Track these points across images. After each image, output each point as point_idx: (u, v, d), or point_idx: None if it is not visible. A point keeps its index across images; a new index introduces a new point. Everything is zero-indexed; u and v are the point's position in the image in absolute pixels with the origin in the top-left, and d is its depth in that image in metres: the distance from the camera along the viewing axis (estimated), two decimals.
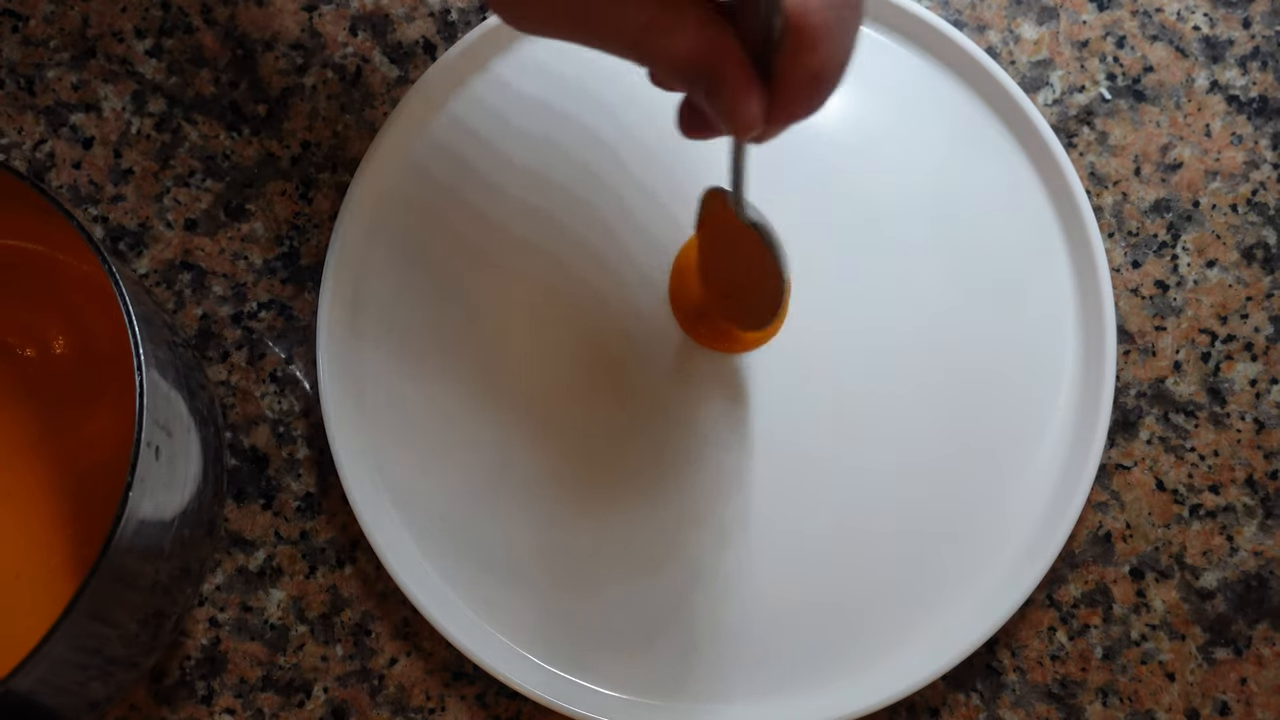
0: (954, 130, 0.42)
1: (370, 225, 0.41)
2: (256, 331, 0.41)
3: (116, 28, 0.43)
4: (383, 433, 0.40)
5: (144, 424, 0.30)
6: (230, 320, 0.41)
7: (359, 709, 0.39)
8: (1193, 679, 0.39)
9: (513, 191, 0.41)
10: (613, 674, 0.39)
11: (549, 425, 0.40)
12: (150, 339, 0.31)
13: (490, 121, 0.42)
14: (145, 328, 0.31)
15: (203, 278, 0.41)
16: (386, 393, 0.40)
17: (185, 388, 0.34)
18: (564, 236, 0.41)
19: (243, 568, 0.40)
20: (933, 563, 0.39)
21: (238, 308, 0.41)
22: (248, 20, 0.43)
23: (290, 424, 0.41)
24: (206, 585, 0.40)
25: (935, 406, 0.40)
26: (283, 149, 0.42)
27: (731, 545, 0.39)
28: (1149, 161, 0.42)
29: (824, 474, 0.40)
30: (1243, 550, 0.40)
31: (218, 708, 0.39)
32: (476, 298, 0.41)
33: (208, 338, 0.41)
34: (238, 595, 0.40)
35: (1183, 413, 0.41)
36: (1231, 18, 0.43)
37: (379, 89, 0.43)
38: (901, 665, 0.38)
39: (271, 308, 0.41)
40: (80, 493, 0.38)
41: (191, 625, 0.40)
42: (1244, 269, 0.41)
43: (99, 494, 0.37)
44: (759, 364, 0.40)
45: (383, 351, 0.40)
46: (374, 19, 0.43)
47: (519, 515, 0.40)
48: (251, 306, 0.41)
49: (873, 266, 0.41)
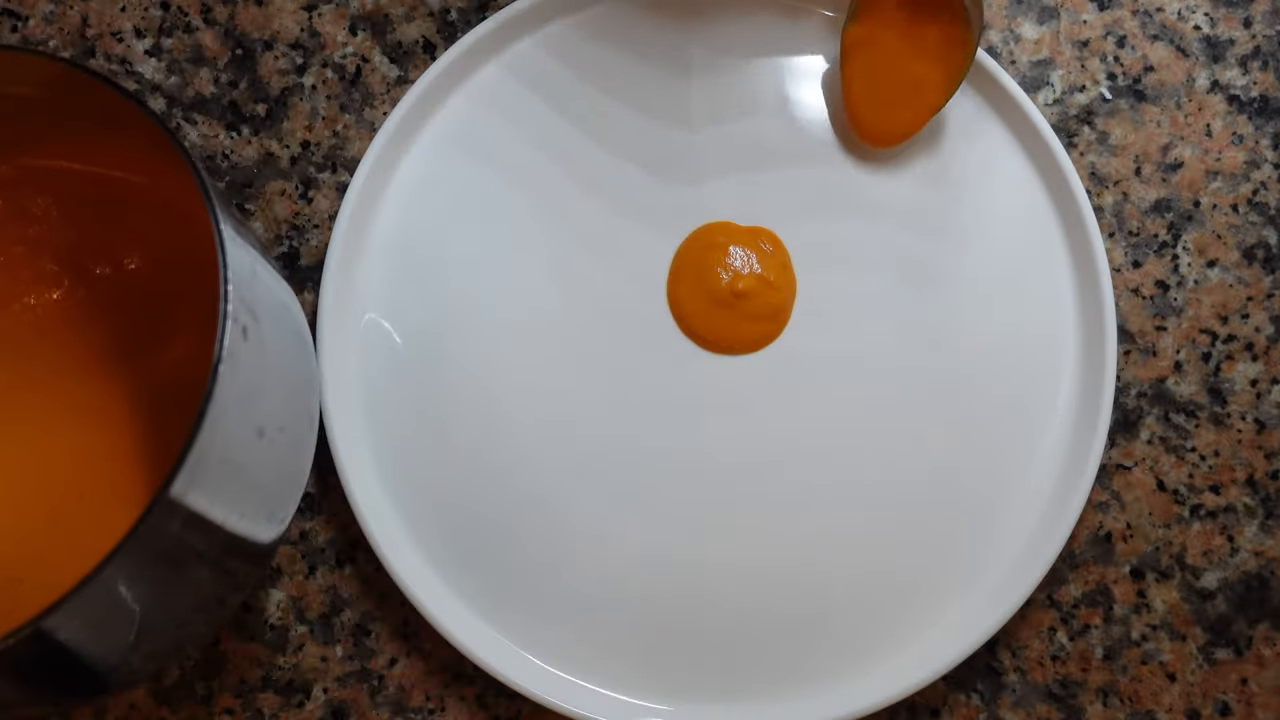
0: (954, 130, 0.42)
1: (370, 226, 0.41)
2: None
3: (116, 27, 0.43)
4: (383, 433, 0.40)
5: (228, 288, 0.27)
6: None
7: (359, 709, 0.39)
8: (1193, 679, 0.39)
9: (512, 191, 0.41)
10: (613, 674, 0.39)
11: (549, 426, 0.40)
12: (227, 219, 0.29)
13: (490, 121, 0.42)
14: (224, 206, 0.29)
15: None
16: (387, 393, 0.40)
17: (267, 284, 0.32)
18: (564, 236, 0.41)
19: None
20: (933, 563, 0.39)
21: None
22: (247, 20, 0.43)
23: None
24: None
25: (935, 406, 0.40)
26: (282, 149, 0.42)
27: (732, 546, 0.39)
28: (1149, 161, 0.42)
29: (824, 474, 0.40)
30: (1243, 550, 0.40)
31: (218, 708, 0.39)
32: (476, 297, 0.41)
33: None
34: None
35: (1183, 413, 0.41)
36: (1232, 17, 0.43)
37: (379, 89, 0.43)
38: (901, 665, 0.38)
39: None
40: (169, 411, 0.36)
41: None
42: (1245, 269, 0.41)
43: (188, 412, 0.36)
44: (759, 365, 0.40)
45: (383, 352, 0.40)
46: (374, 19, 0.43)
47: (519, 516, 0.40)
48: None
49: (872, 267, 0.41)
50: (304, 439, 0.34)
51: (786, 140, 0.42)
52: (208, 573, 0.31)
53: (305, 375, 0.34)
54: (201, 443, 0.27)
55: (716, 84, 0.42)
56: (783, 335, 0.40)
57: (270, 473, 0.32)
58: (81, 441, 0.36)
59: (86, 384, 0.37)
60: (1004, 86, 0.41)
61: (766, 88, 0.42)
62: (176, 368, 0.36)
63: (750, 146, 0.42)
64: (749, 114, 0.42)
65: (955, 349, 0.40)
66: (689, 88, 0.42)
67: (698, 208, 0.41)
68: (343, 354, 0.40)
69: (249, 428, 0.30)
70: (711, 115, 0.42)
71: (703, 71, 0.42)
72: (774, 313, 0.40)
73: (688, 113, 0.42)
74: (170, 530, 0.28)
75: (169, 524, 0.27)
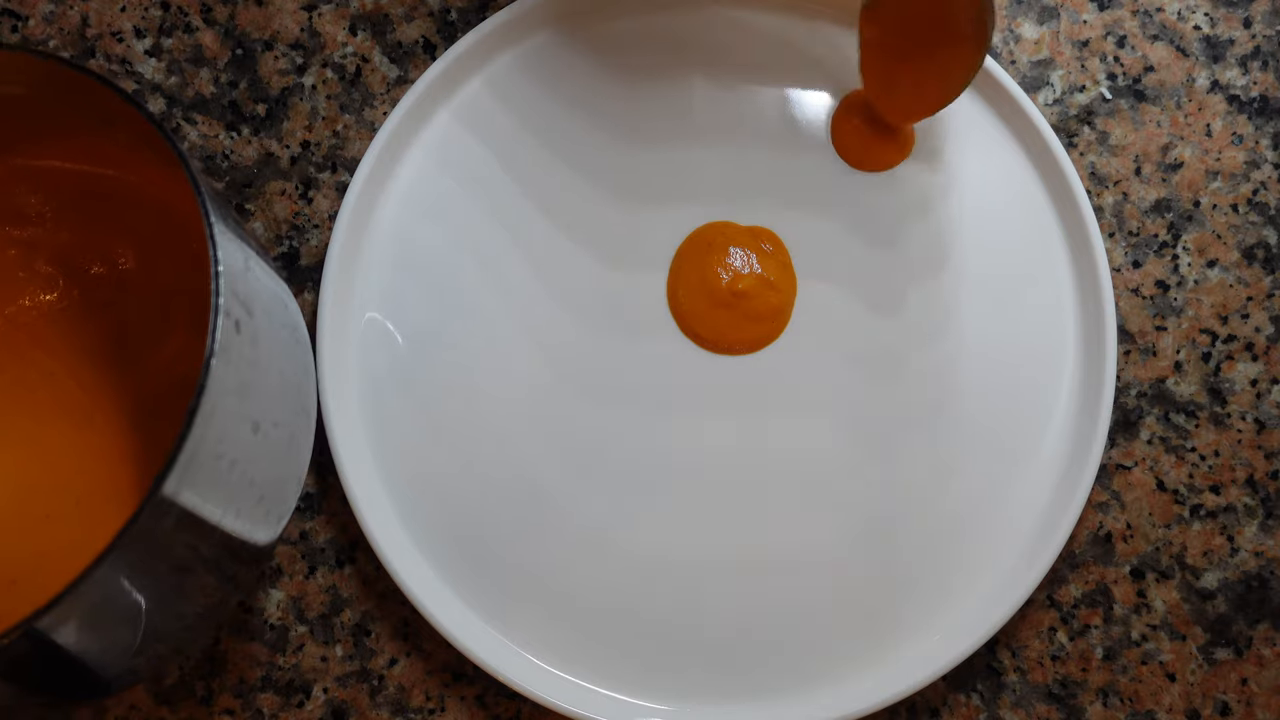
0: (954, 130, 0.42)
1: (370, 225, 0.41)
2: None
3: (116, 27, 0.43)
4: (383, 433, 0.40)
5: (220, 282, 0.27)
6: None
7: (359, 709, 0.39)
8: (1193, 679, 0.39)
9: (513, 190, 0.41)
10: (613, 674, 0.39)
11: (549, 426, 0.40)
12: (220, 215, 0.29)
13: (490, 121, 0.42)
14: (215, 203, 0.29)
15: None
16: (387, 393, 0.40)
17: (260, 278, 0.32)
18: (564, 236, 0.41)
19: None
20: (933, 563, 0.39)
21: None
22: (247, 20, 0.43)
23: None
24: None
25: (935, 406, 0.40)
26: (282, 149, 0.42)
27: (731, 546, 0.39)
28: (1149, 161, 0.42)
29: (824, 475, 0.40)
30: (1243, 550, 0.40)
31: (217, 708, 0.39)
32: (476, 297, 0.41)
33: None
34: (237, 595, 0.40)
35: (1183, 413, 0.41)
36: (1232, 17, 0.43)
37: (379, 89, 0.43)
38: (901, 665, 0.38)
39: None
40: (164, 411, 0.36)
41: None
42: (1244, 269, 0.41)
43: (182, 410, 0.36)
44: (759, 366, 0.40)
45: (383, 352, 0.40)
46: (374, 18, 0.43)
47: (519, 515, 0.40)
48: None
49: (872, 267, 0.41)
50: (301, 435, 0.34)
51: (787, 140, 0.42)
52: (204, 573, 0.31)
53: (302, 370, 0.34)
54: (194, 437, 0.27)
55: (718, 83, 0.42)
56: (783, 335, 0.40)
57: (267, 469, 0.32)
58: (77, 443, 0.36)
59: (82, 385, 0.37)
60: (1004, 86, 0.41)
61: (768, 87, 0.42)
62: (170, 366, 0.36)
63: (751, 146, 0.42)
64: (750, 114, 0.42)
65: (955, 348, 0.40)
66: (692, 87, 0.42)
67: (698, 207, 0.41)
68: (343, 353, 0.40)
69: (244, 422, 0.29)
70: (712, 114, 0.42)
71: (705, 71, 0.42)
72: (774, 313, 0.40)
73: (690, 112, 0.42)
74: (164, 529, 0.27)
75: (162, 522, 0.27)
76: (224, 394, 0.28)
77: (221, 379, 0.27)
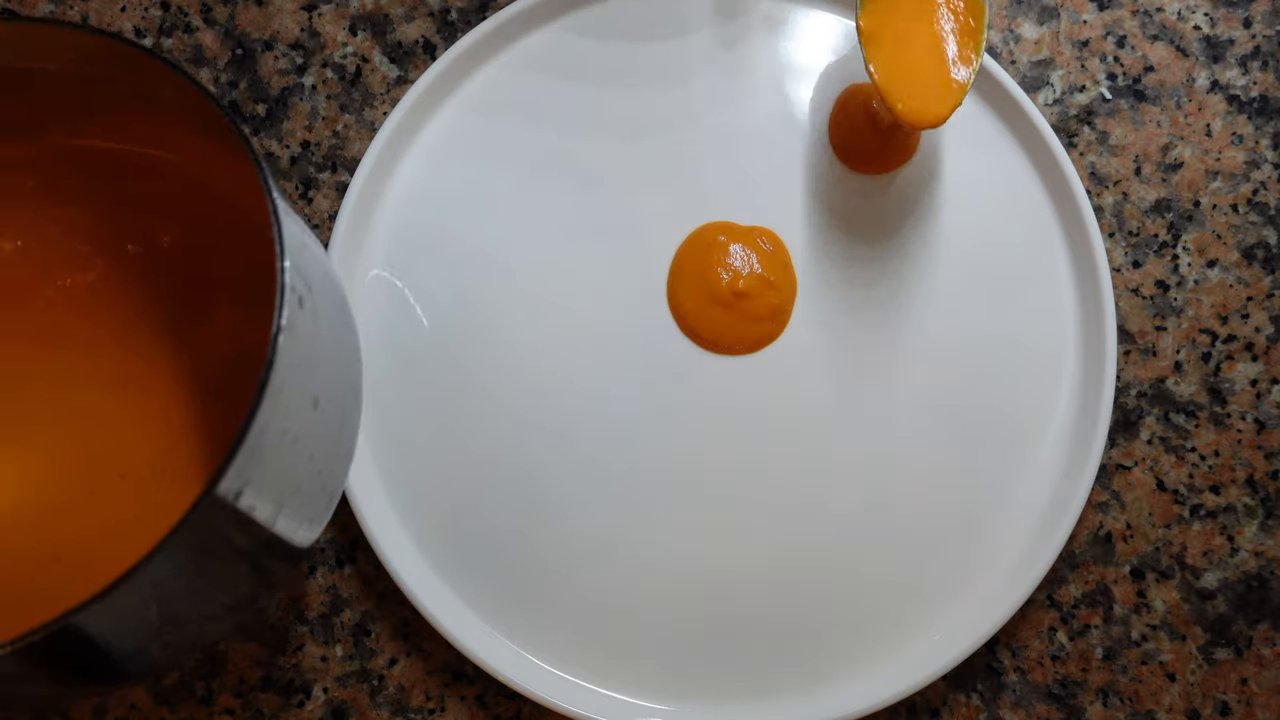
0: (953, 130, 0.42)
1: (370, 226, 0.41)
2: None
3: (116, 27, 0.43)
4: (383, 433, 0.40)
5: (285, 260, 0.27)
6: None
7: (359, 709, 0.39)
8: (1193, 679, 0.39)
9: (512, 191, 0.41)
10: (613, 674, 0.39)
11: (548, 426, 0.40)
12: (280, 192, 0.29)
13: (490, 122, 0.42)
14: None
15: None
16: (387, 394, 0.40)
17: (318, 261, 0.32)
18: (564, 236, 0.41)
19: None
20: (933, 563, 0.39)
21: None
22: (247, 20, 0.43)
23: None
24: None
25: (935, 406, 0.40)
26: (282, 149, 0.42)
27: (731, 547, 0.39)
28: (1149, 161, 0.42)
29: (824, 475, 0.40)
30: (1243, 550, 0.40)
31: (217, 708, 0.39)
32: (477, 298, 0.41)
33: None
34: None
35: (1183, 413, 0.41)
36: (1232, 17, 0.43)
37: (379, 89, 0.43)
38: (902, 665, 0.38)
39: None
40: (212, 388, 0.36)
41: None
42: (1244, 269, 0.41)
43: (240, 384, 0.35)
44: (760, 367, 0.40)
45: (383, 352, 0.40)
46: (374, 19, 0.43)
47: (519, 516, 0.40)
48: None
49: (872, 267, 0.41)
50: (350, 413, 0.34)
51: (787, 139, 0.42)
52: (239, 564, 0.31)
53: (351, 346, 0.34)
54: (264, 411, 0.27)
55: (718, 82, 0.42)
56: (783, 335, 0.40)
57: (325, 445, 0.31)
58: (122, 419, 0.36)
59: (125, 362, 0.36)
60: (1004, 86, 0.41)
61: (768, 86, 0.42)
62: (223, 345, 0.36)
63: (751, 145, 0.42)
64: (750, 113, 0.42)
65: (955, 349, 0.40)
66: (690, 86, 0.42)
67: (698, 207, 0.41)
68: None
69: (306, 397, 0.29)
70: (713, 114, 0.42)
71: (705, 69, 0.42)
72: (774, 313, 0.40)
73: (690, 111, 0.42)
74: (222, 514, 0.27)
75: (221, 509, 0.27)
76: (291, 368, 0.28)
77: (288, 354, 0.28)
